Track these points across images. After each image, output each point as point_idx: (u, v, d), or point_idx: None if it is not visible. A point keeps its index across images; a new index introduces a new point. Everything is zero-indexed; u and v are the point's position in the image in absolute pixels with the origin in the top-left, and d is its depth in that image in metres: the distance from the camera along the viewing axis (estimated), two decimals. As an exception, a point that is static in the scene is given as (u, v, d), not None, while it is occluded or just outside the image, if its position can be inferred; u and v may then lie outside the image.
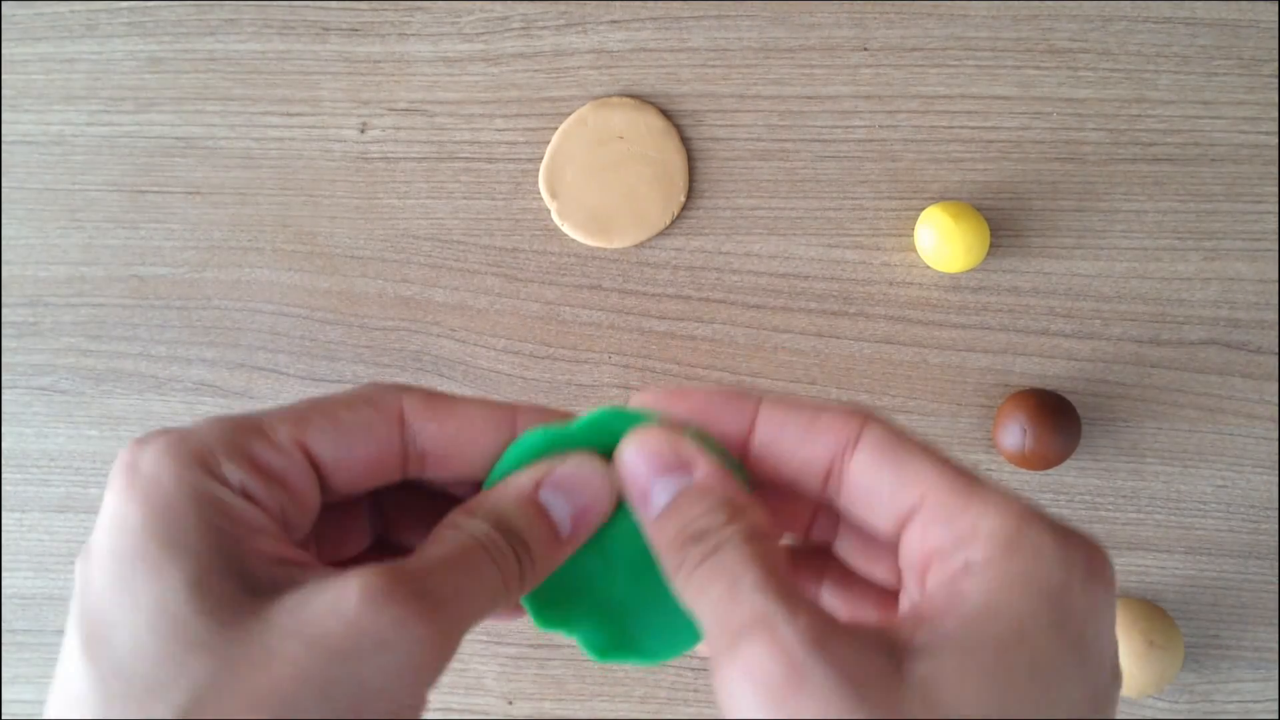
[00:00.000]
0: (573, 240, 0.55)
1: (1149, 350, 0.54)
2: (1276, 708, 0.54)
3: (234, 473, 0.21)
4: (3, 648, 0.58)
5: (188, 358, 0.57)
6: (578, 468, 0.24)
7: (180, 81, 0.56)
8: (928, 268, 0.54)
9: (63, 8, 0.56)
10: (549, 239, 0.56)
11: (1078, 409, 0.53)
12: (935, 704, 0.18)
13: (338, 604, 0.20)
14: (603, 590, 0.25)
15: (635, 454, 0.23)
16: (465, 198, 0.56)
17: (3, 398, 0.58)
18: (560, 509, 0.23)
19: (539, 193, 0.55)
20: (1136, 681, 0.50)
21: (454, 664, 0.56)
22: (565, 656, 0.56)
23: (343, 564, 0.25)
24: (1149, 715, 0.54)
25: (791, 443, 0.23)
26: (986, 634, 0.19)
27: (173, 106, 0.56)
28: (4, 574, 0.58)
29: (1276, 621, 0.54)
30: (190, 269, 0.57)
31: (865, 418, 0.23)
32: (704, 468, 0.23)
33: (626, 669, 0.56)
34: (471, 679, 0.56)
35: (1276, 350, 0.53)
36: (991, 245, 0.54)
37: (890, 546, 0.23)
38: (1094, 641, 0.20)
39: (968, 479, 0.22)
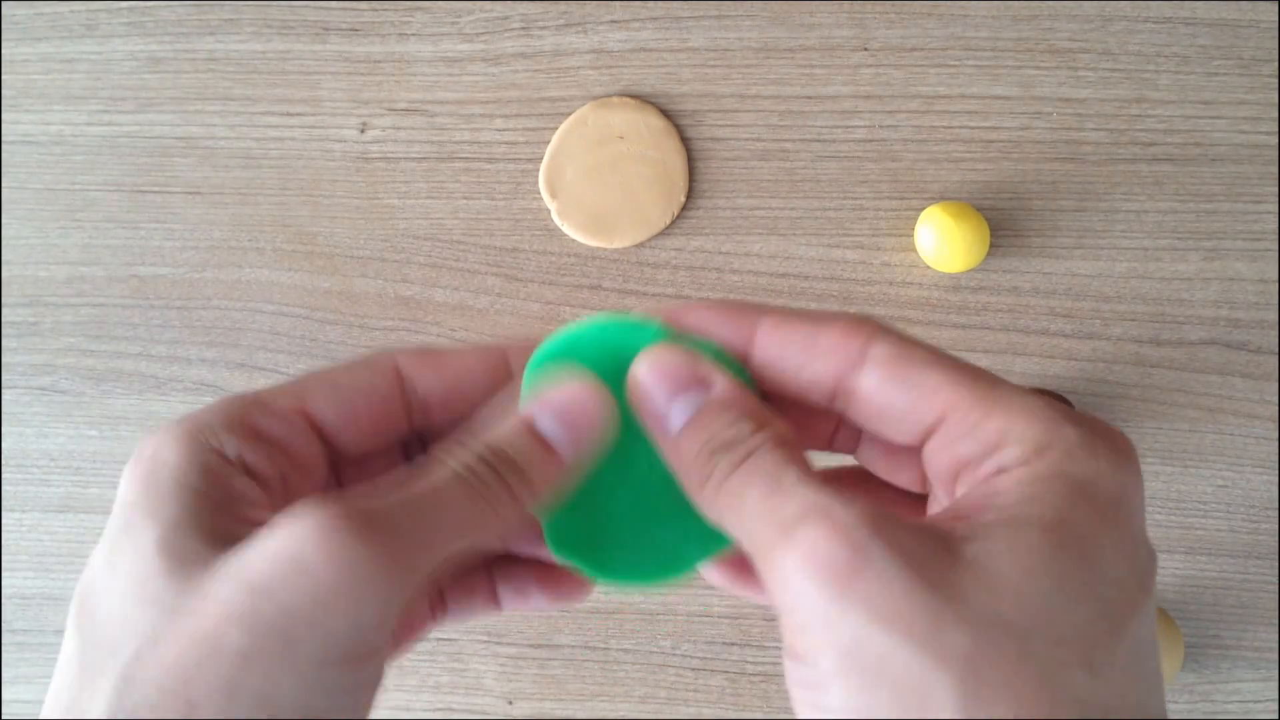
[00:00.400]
0: (573, 240, 0.55)
1: (1149, 350, 0.54)
2: (1276, 708, 0.54)
3: (230, 443, 0.22)
4: (3, 648, 0.58)
5: (188, 358, 0.57)
6: (569, 389, 0.24)
7: (180, 81, 0.56)
8: (928, 268, 0.54)
9: (63, 8, 0.56)
10: (549, 239, 0.56)
11: (1078, 409, 0.53)
12: (991, 580, 0.18)
13: (266, 540, 0.20)
14: (617, 517, 0.25)
15: (649, 373, 0.23)
16: (465, 198, 0.56)
17: (3, 398, 0.58)
18: (556, 431, 0.23)
19: (539, 193, 0.55)
20: (1136, 681, 0.50)
21: (454, 664, 0.56)
22: (565, 657, 0.56)
23: None
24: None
25: (794, 361, 0.23)
26: (1029, 519, 0.19)
27: (173, 106, 0.56)
28: (4, 574, 0.58)
29: (1276, 621, 0.54)
30: (190, 269, 0.57)
31: (870, 333, 0.22)
32: (721, 383, 0.23)
33: (626, 668, 0.56)
34: (471, 679, 0.56)
35: (1276, 350, 0.53)
36: (991, 245, 0.54)
37: (911, 456, 0.23)
38: (1128, 521, 0.20)
39: (986, 386, 0.21)
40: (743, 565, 0.25)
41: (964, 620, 0.18)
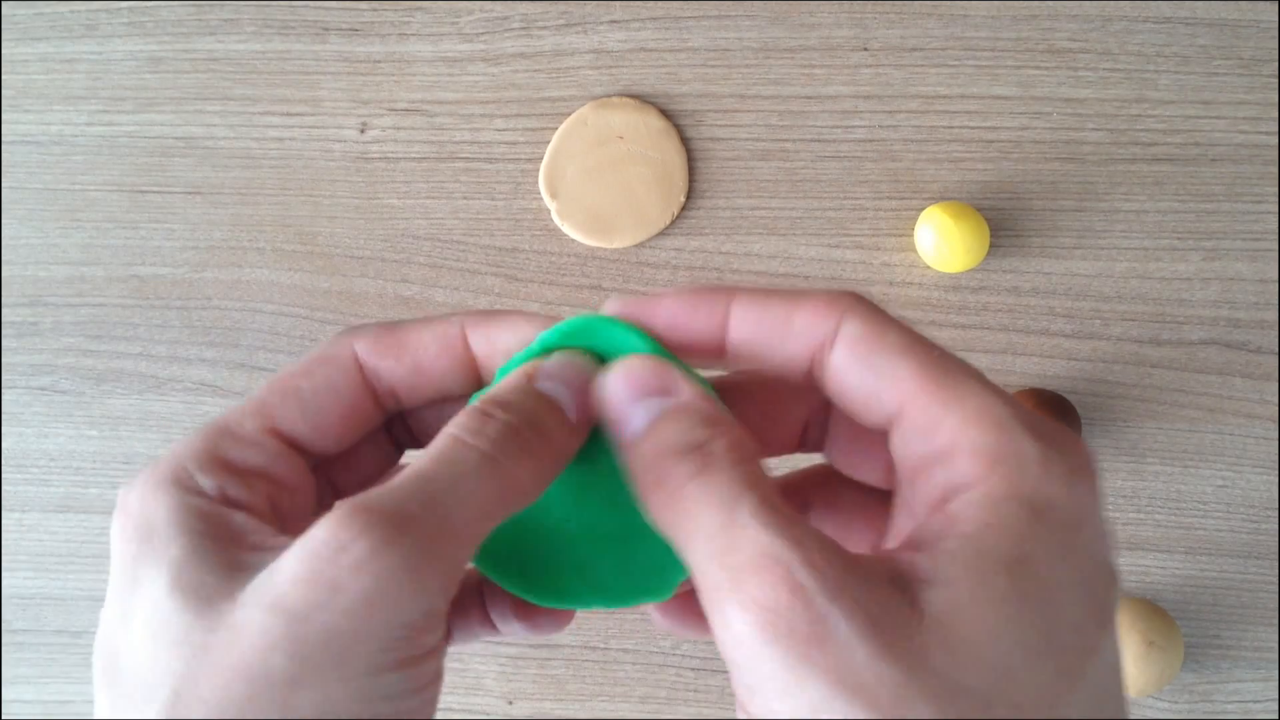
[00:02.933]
0: (573, 240, 0.55)
1: (1149, 350, 0.54)
2: (1276, 708, 0.54)
3: (209, 482, 0.22)
4: (3, 648, 0.58)
5: (188, 358, 0.57)
6: (566, 357, 0.23)
7: (180, 81, 0.56)
8: (928, 268, 0.54)
9: (63, 8, 0.56)
10: (549, 239, 0.56)
11: (1078, 409, 0.53)
12: (954, 643, 0.18)
13: (292, 563, 0.19)
14: (565, 534, 0.24)
15: (616, 379, 0.23)
16: (465, 198, 0.56)
17: (3, 398, 0.58)
18: (562, 393, 0.23)
19: (539, 193, 0.55)
20: (1136, 681, 0.50)
21: (454, 664, 0.56)
22: (565, 657, 0.56)
23: None
24: (1149, 715, 0.54)
25: (768, 341, 0.22)
26: (991, 557, 0.19)
27: (173, 106, 0.56)
28: (4, 574, 0.58)
29: (1276, 621, 0.54)
30: (190, 269, 0.57)
31: (844, 308, 0.22)
32: (687, 390, 0.22)
33: (626, 668, 0.56)
34: (471, 679, 0.56)
35: (1276, 350, 0.53)
36: (991, 245, 0.54)
37: (880, 446, 0.23)
38: (1088, 547, 0.20)
39: (949, 378, 0.21)
40: (686, 607, 0.25)
41: (928, 693, 0.17)
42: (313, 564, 0.19)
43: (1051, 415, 0.51)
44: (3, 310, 0.57)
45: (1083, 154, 0.54)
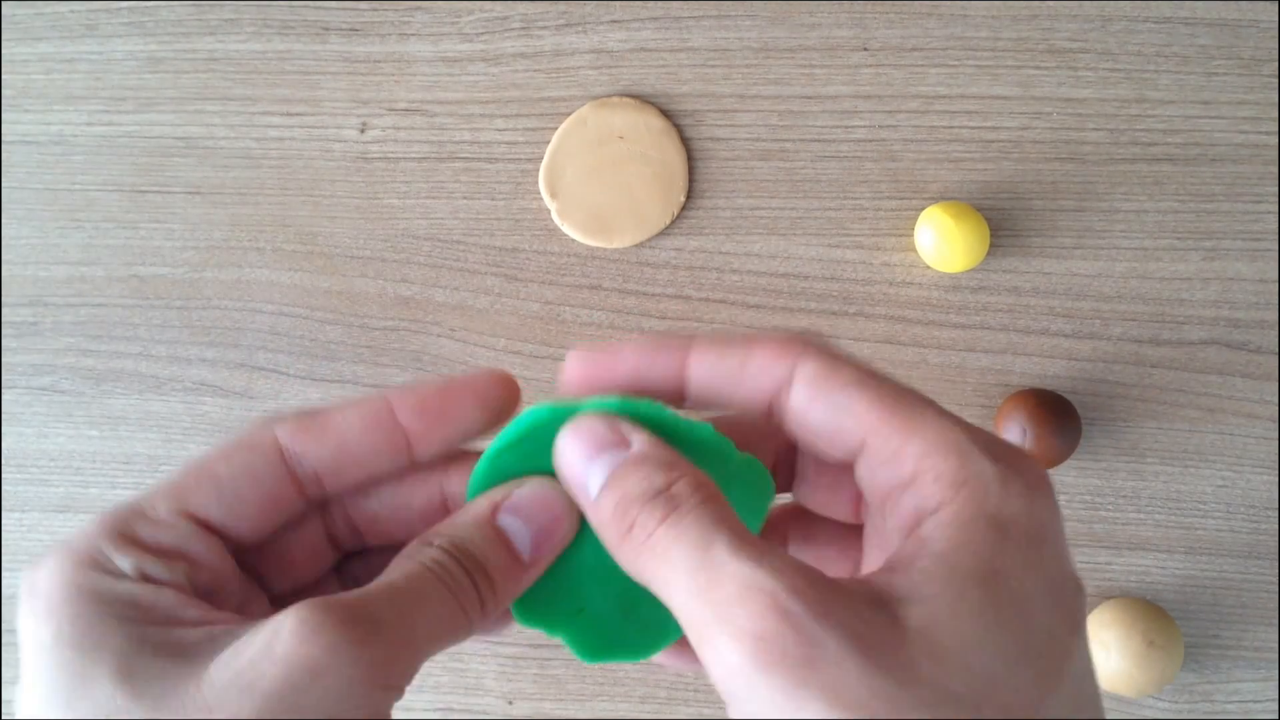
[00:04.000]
0: (573, 240, 0.55)
1: (1149, 350, 0.54)
2: (1276, 708, 0.54)
3: (124, 560, 0.21)
4: (3, 648, 0.58)
5: (188, 358, 0.57)
6: (536, 490, 0.24)
7: (180, 81, 0.56)
8: (928, 268, 0.54)
9: (63, 8, 0.56)
10: (549, 239, 0.56)
11: (1078, 409, 0.53)
12: (938, 653, 0.19)
13: (270, 644, 0.19)
14: (587, 590, 0.25)
15: (568, 444, 0.23)
16: (465, 198, 0.56)
17: (3, 398, 0.58)
18: (520, 532, 0.23)
19: (539, 193, 0.55)
20: (1136, 681, 0.50)
21: (454, 664, 0.56)
22: (565, 656, 0.56)
23: (302, 591, 0.24)
24: (1149, 715, 0.54)
25: (726, 387, 0.23)
26: (963, 573, 0.19)
27: (173, 106, 0.56)
28: (4, 574, 0.58)
29: (1276, 621, 0.54)
30: (190, 269, 0.57)
31: (799, 350, 0.22)
32: (639, 440, 0.22)
33: (626, 669, 0.56)
34: (471, 679, 0.56)
35: (1276, 350, 0.53)
36: (991, 245, 0.54)
37: (847, 481, 0.23)
38: (1053, 559, 0.21)
39: (905, 409, 0.22)
40: (680, 644, 0.25)
41: (920, 702, 0.18)
42: (293, 646, 0.19)
43: (1051, 415, 0.51)
44: (3, 310, 0.57)
45: (1083, 154, 0.54)
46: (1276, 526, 0.54)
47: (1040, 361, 0.54)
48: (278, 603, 0.24)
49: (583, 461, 0.23)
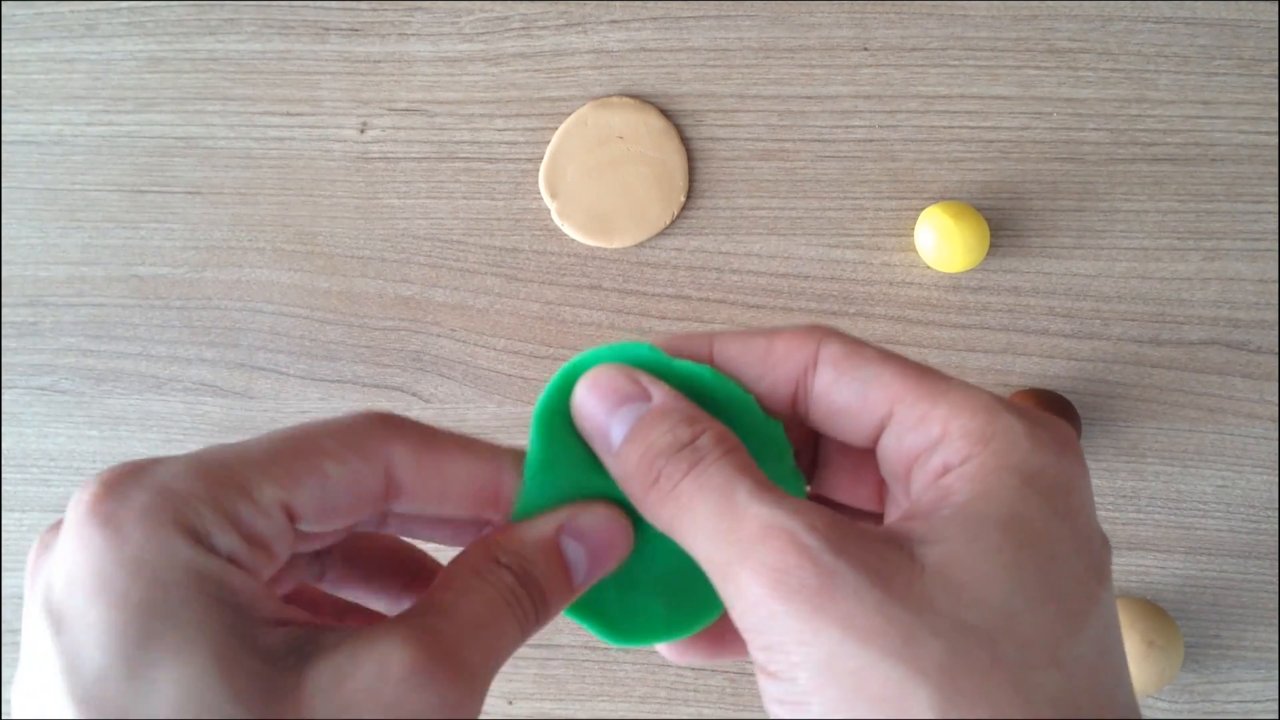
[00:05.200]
0: (573, 240, 0.55)
1: (1149, 350, 0.54)
2: (1276, 708, 0.54)
3: (223, 540, 0.20)
4: (3, 648, 0.58)
5: (188, 358, 0.57)
6: (599, 518, 0.24)
7: (180, 81, 0.56)
8: (928, 268, 0.54)
9: (63, 8, 0.56)
10: (549, 239, 0.56)
11: (1078, 409, 0.53)
12: (956, 587, 0.19)
13: (379, 683, 0.19)
14: (619, 575, 0.25)
15: (587, 394, 0.23)
16: (465, 198, 0.56)
17: (3, 398, 0.58)
18: (578, 556, 0.23)
19: (539, 193, 0.55)
20: (1136, 681, 0.50)
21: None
22: (565, 657, 0.56)
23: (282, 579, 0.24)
24: (1149, 715, 0.54)
25: (753, 374, 0.24)
26: (984, 518, 0.20)
27: (173, 106, 0.56)
28: (4, 574, 0.58)
29: (1276, 621, 0.54)
30: (190, 269, 0.57)
31: (821, 336, 0.23)
32: (660, 393, 0.23)
33: (626, 668, 0.56)
34: (471, 679, 0.56)
35: (1276, 350, 0.53)
36: (991, 245, 0.54)
37: (870, 464, 0.24)
38: (1079, 511, 0.21)
39: (931, 379, 0.22)
40: (714, 639, 0.25)
41: (936, 631, 0.18)
42: (404, 692, 0.19)
43: (1052, 415, 0.51)
44: (3, 310, 0.57)
45: (1083, 154, 0.54)
46: (1276, 526, 0.54)
47: (1040, 361, 0.54)
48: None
49: (604, 413, 0.23)
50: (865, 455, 0.24)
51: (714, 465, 0.21)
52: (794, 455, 0.25)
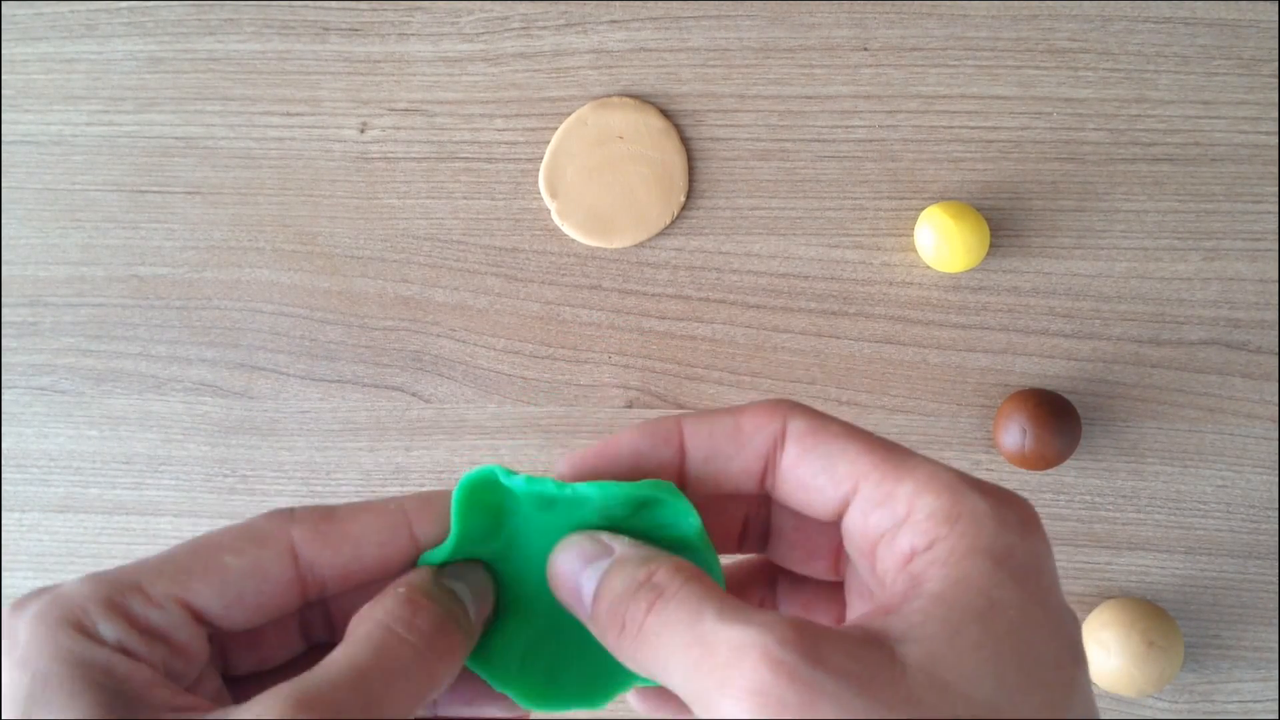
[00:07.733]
0: (573, 240, 0.55)
1: (1149, 350, 0.54)
2: (1276, 708, 0.54)
3: (109, 630, 0.21)
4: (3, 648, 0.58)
5: (188, 358, 0.57)
6: (464, 564, 0.24)
7: (180, 81, 0.56)
8: (928, 268, 0.54)
9: (63, 8, 0.56)
10: (549, 239, 0.56)
11: (1078, 409, 0.53)
12: (940, 687, 0.19)
13: None
14: (534, 639, 0.25)
15: (560, 562, 0.24)
16: (465, 198, 0.56)
17: (3, 398, 0.58)
18: (466, 594, 0.24)
19: (539, 193, 0.55)
20: (1136, 681, 0.50)
21: (454, 664, 0.56)
22: (565, 656, 0.56)
23: (264, 673, 0.24)
24: (1149, 715, 0.54)
25: (724, 454, 0.24)
26: (961, 609, 0.19)
27: (173, 106, 0.56)
28: (4, 574, 0.58)
29: (1276, 621, 0.54)
30: (190, 269, 0.57)
31: (786, 412, 0.23)
32: (619, 545, 0.23)
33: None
34: (471, 679, 0.56)
35: (1276, 350, 0.53)
36: (991, 245, 0.54)
37: (826, 536, 0.24)
38: (1050, 591, 0.21)
39: (895, 457, 0.22)
40: (664, 693, 0.25)
41: None
42: None
43: (1051, 415, 0.51)
44: (3, 310, 0.57)
45: (1083, 154, 0.54)
46: (1276, 526, 0.54)
47: (1040, 361, 0.54)
48: (235, 683, 0.24)
49: (574, 575, 0.23)
50: (823, 527, 0.24)
51: (675, 598, 0.21)
52: (741, 530, 0.25)
